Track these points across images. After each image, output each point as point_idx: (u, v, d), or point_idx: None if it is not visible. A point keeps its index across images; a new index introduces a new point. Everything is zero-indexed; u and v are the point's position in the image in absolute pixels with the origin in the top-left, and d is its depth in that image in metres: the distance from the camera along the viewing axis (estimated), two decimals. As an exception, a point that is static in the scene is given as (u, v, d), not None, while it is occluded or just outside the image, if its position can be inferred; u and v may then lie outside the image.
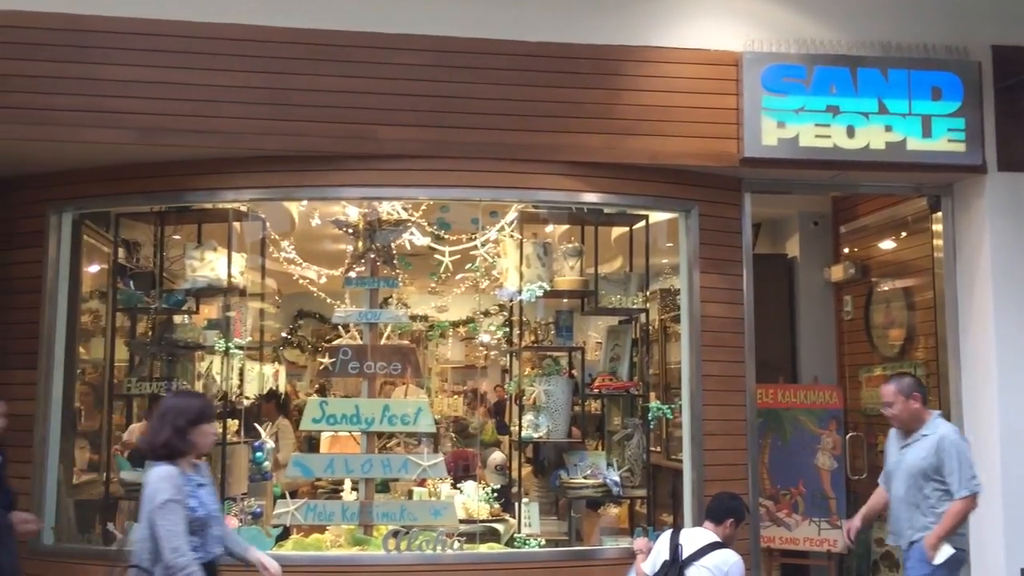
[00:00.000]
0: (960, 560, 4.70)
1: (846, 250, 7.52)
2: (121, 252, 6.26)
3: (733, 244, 6.01)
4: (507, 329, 6.92)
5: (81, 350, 6.24)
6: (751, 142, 5.72)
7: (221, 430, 5.89)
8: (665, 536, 4.93)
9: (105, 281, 6.47)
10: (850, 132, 5.79)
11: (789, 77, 5.79)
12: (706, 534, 4.86)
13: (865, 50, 5.91)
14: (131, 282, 6.18)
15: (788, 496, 6.72)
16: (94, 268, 6.43)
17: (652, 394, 6.54)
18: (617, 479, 5.95)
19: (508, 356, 6.98)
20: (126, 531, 5.51)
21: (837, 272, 7.47)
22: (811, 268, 7.69)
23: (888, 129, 5.81)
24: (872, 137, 5.80)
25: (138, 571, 3.75)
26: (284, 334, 9.37)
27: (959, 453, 4.68)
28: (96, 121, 5.33)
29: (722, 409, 5.83)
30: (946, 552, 4.60)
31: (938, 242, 6.36)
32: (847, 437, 6.77)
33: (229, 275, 5.99)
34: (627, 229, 6.56)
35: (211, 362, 6.33)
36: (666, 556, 4.81)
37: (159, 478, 3.74)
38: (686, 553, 4.76)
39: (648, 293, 6.34)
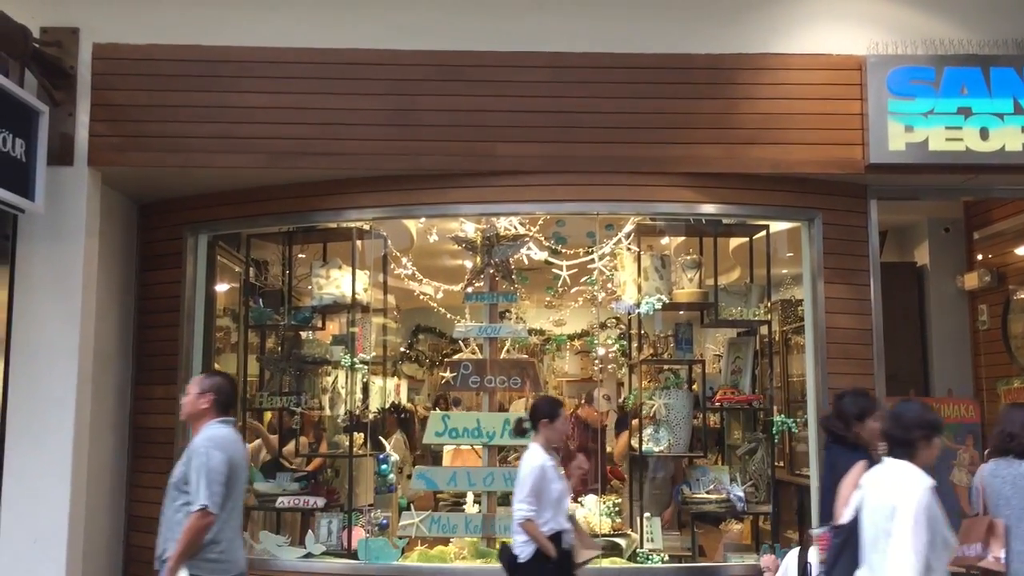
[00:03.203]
0: None
1: (980, 257, 7.18)
2: (251, 271, 6.53)
3: (859, 253, 5.83)
4: (624, 342, 6.89)
5: (216, 366, 6.51)
6: (877, 148, 5.55)
7: (348, 443, 6.08)
8: (793, 553, 4.82)
9: (235, 299, 6.76)
10: (983, 134, 5.55)
11: (917, 79, 5.60)
12: (837, 552, 4.73)
13: (998, 49, 5.67)
14: (261, 300, 6.44)
15: (922, 514, 6.43)
16: (225, 287, 6.71)
17: (775, 408, 6.39)
18: (741, 494, 5.84)
19: (626, 369, 6.93)
20: (259, 540, 5.75)
21: (971, 280, 7.15)
22: (942, 276, 7.38)
23: (1025, 130, 5.55)
24: (1008, 138, 5.55)
25: None
26: (403, 349, 9.56)
27: None
28: (229, 147, 5.58)
29: (851, 423, 5.63)
30: None
31: (1082, 247, 6.02)
32: (985, 452, 6.44)
33: (353, 292, 6.16)
34: (746, 240, 6.46)
35: (336, 377, 6.51)
36: (795, 574, 4.71)
37: None
38: (816, 572, 4.64)
39: (769, 304, 6.21)
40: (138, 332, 6.27)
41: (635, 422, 6.22)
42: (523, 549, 4.62)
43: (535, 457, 4.69)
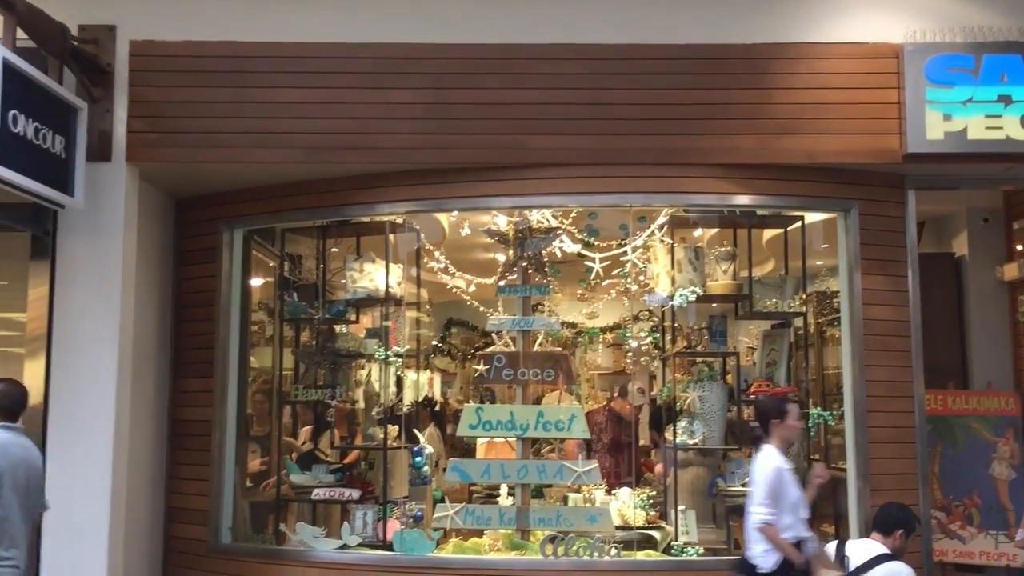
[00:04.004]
0: None
1: (1020, 247, 7.06)
2: (286, 266, 6.58)
3: (896, 244, 5.75)
4: (657, 335, 6.87)
5: (251, 359, 6.59)
6: (915, 137, 5.47)
7: (382, 436, 6.12)
8: (830, 547, 4.79)
9: (269, 294, 6.82)
10: (1024, 122, 5.46)
11: (955, 67, 5.51)
12: (874, 545, 4.69)
13: (1039, 35, 5.57)
14: (295, 294, 6.49)
15: (961, 507, 6.37)
16: (259, 282, 6.78)
17: (810, 401, 6.34)
18: (777, 487, 5.78)
19: (659, 362, 6.91)
20: (296, 531, 5.81)
21: (1011, 271, 7.03)
22: (981, 267, 7.26)
23: (1068, 117, 5.45)
24: (1050, 127, 5.45)
25: None
26: (435, 342, 9.59)
27: None
28: (264, 142, 5.63)
29: (889, 416, 5.59)
30: None
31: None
32: (1030, 443, 6.37)
33: (387, 285, 6.19)
34: (780, 231, 6.41)
35: (369, 370, 6.55)
36: (833, 567, 4.68)
37: None
38: (853, 564, 4.62)
39: (804, 296, 6.16)
40: (175, 326, 6.34)
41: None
42: (765, 559, 4.52)
43: (771, 459, 4.60)
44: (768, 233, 6.68)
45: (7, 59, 4.54)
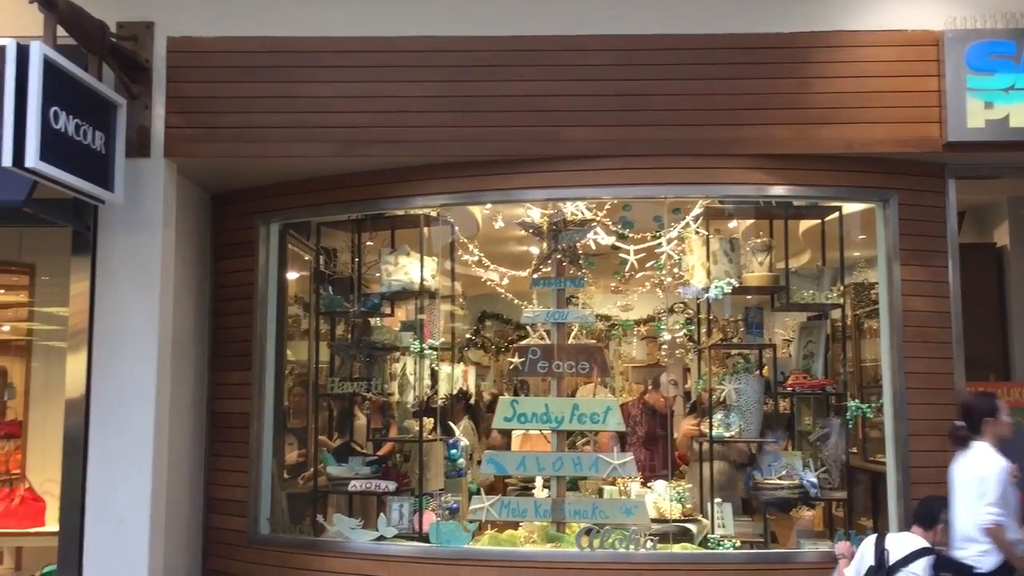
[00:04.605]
0: None
1: (1063, 237, 6.96)
2: (321, 259, 6.62)
3: (936, 234, 5.67)
4: (692, 327, 6.83)
5: (288, 353, 6.64)
6: (955, 125, 5.39)
7: (417, 428, 6.15)
8: (870, 540, 4.77)
9: (305, 287, 6.87)
10: (1068, 109, 5.36)
11: (996, 54, 5.42)
12: (915, 539, 4.67)
13: (1082, 20, 5.46)
14: (330, 287, 6.53)
15: (1004, 501, 6.26)
16: (295, 275, 6.83)
17: (848, 393, 6.27)
18: (815, 480, 5.75)
19: (695, 354, 6.88)
20: (333, 523, 5.86)
21: (1053, 261, 6.93)
22: (1023, 257, 7.16)
23: (1113, 104, 5.34)
24: (1094, 114, 5.35)
25: None
26: (468, 335, 9.62)
27: None
28: (299, 136, 5.66)
29: (928, 408, 5.51)
30: None
31: None
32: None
33: (421, 278, 6.20)
34: (816, 222, 6.35)
35: (404, 363, 6.58)
36: (871, 561, 4.67)
37: None
38: (893, 558, 4.59)
39: (842, 288, 6.09)
40: (213, 320, 6.41)
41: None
42: (984, 559, 4.50)
43: (993, 458, 4.59)
44: (804, 224, 6.63)
45: (48, 57, 4.60)
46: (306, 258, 6.75)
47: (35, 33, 4.71)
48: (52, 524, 6.31)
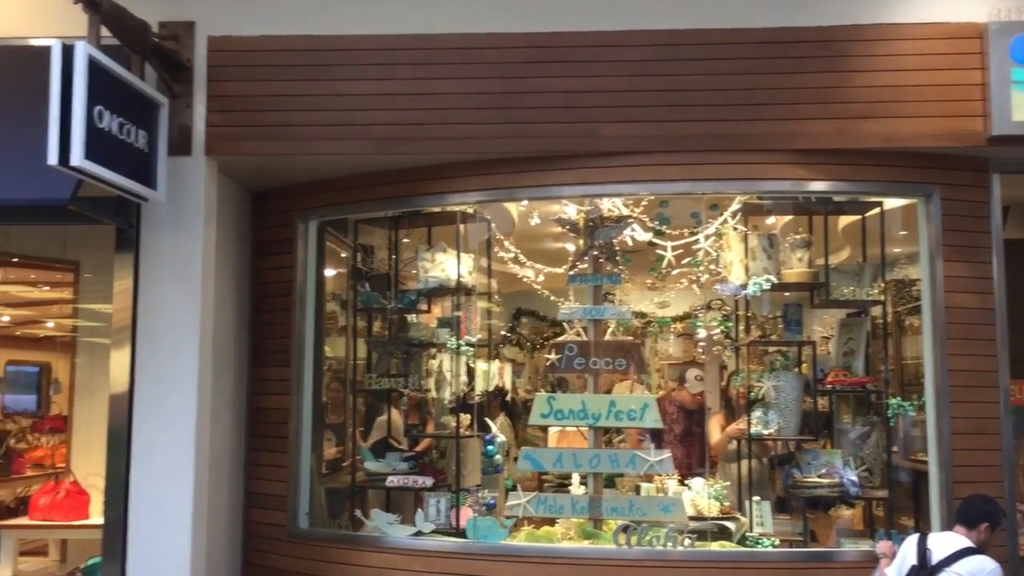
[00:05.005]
0: None
1: (1110, 232, 6.81)
2: (358, 256, 6.66)
3: (980, 229, 5.59)
4: (729, 324, 6.79)
5: (326, 349, 6.69)
6: (1000, 119, 5.30)
7: (454, 424, 6.17)
8: (912, 540, 4.71)
9: (342, 284, 6.92)
10: (1116, 102, 5.25)
11: (1042, 47, 5.33)
12: (957, 539, 4.61)
13: None
14: (367, 284, 6.57)
15: (1049, 501, 6.17)
16: (332, 272, 6.87)
17: (889, 391, 6.20)
18: (855, 478, 5.69)
19: (732, 351, 6.83)
20: (371, 517, 5.90)
21: (1100, 257, 6.78)
22: (1069, 253, 7.03)
23: None
24: None
25: None
26: (504, 332, 9.63)
27: None
28: (338, 134, 5.70)
29: (972, 406, 5.44)
30: None
31: None
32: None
33: (458, 275, 6.22)
34: (856, 218, 6.28)
35: (441, 360, 6.61)
36: (913, 561, 4.61)
37: None
38: (936, 558, 4.53)
39: (883, 284, 6.02)
40: (253, 316, 6.48)
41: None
42: None
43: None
44: (844, 220, 6.55)
45: (93, 56, 4.68)
46: (343, 255, 6.80)
47: (79, 33, 4.79)
48: (96, 517, 6.43)
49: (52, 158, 4.57)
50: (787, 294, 6.37)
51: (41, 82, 4.62)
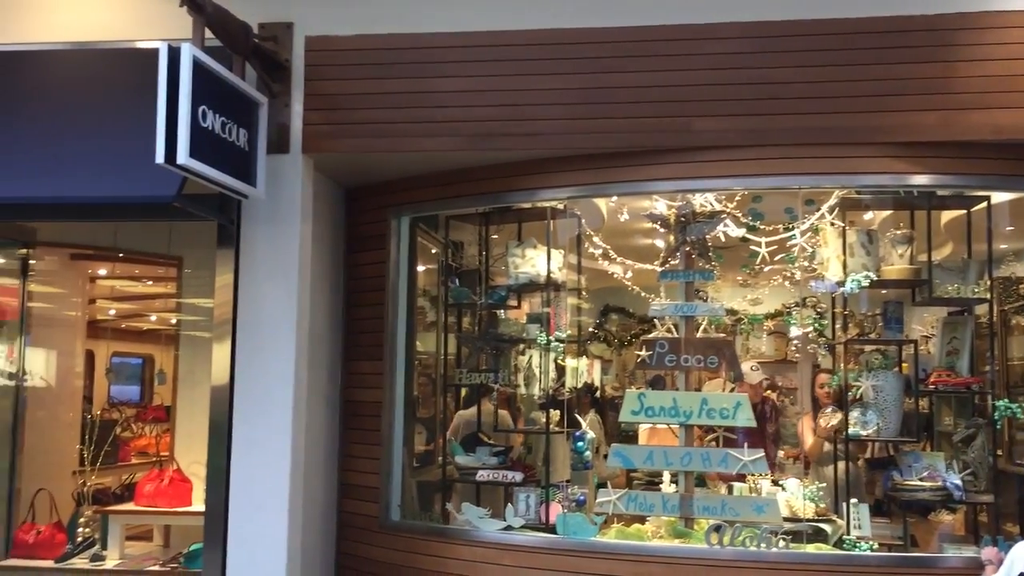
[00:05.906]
0: None
1: None
2: (449, 252, 6.73)
3: (1094, 224, 5.35)
4: (825, 322, 6.62)
5: (417, 344, 6.78)
6: (1117, 108, 5.05)
7: (544, 420, 6.18)
8: (1020, 546, 4.54)
9: (432, 280, 7.00)
10: None
11: None
12: (1063, 549, 4.41)
13: None
14: (458, 280, 6.63)
15: None
16: (423, 267, 6.96)
17: (996, 392, 5.96)
18: (959, 482, 5.49)
19: (829, 350, 6.67)
20: (462, 511, 5.95)
21: None
22: None
23: None
24: None
25: None
26: (591, 329, 9.61)
27: None
28: (430, 131, 5.76)
29: (1081, 409, 5.21)
30: None
31: None
32: None
33: (548, 271, 6.23)
34: (960, 212, 6.04)
35: (530, 356, 6.62)
36: (1021, 568, 4.43)
37: None
38: (1016, 571, 4.36)
39: (990, 282, 5.79)
40: (346, 311, 6.61)
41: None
42: None
43: None
44: (947, 215, 6.32)
45: (197, 58, 4.82)
46: (434, 251, 6.88)
47: (184, 36, 4.94)
48: (198, 504, 6.64)
49: (159, 157, 4.71)
50: (884, 292, 6.19)
51: (148, 84, 4.78)
